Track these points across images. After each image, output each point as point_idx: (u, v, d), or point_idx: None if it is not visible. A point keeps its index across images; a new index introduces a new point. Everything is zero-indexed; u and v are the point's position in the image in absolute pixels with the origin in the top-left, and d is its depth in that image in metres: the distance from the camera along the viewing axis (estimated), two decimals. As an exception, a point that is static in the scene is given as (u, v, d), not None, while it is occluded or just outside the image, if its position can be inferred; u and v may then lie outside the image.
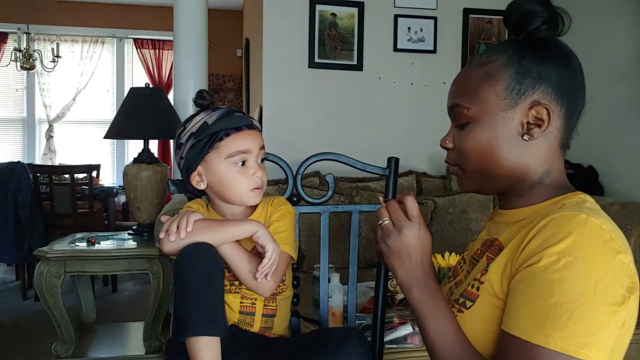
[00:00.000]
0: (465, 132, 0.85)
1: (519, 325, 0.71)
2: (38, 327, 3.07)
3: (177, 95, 3.25)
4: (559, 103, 0.82)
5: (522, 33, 0.85)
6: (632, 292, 0.71)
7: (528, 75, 0.81)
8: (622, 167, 2.88)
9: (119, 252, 2.34)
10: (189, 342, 0.89)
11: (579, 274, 0.69)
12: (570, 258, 0.70)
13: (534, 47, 0.83)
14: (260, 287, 1.00)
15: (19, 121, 5.88)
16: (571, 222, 0.73)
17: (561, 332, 0.68)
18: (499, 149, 0.83)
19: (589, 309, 0.68)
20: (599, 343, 0.68)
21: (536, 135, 0.82)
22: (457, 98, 0.87)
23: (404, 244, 0.85)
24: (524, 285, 0.73)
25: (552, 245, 0.71)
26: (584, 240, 0.71)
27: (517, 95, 0.82)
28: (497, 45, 0.87)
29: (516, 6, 0.86)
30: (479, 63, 0.86)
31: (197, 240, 0.95)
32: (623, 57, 2.85)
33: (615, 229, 0.75)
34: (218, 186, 1.05)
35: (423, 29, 3.37)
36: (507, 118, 0.82)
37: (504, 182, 0.85)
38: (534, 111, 0.81)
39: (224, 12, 5.74)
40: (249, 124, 1.06)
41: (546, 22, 0.83)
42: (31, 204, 3.55)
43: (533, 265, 0.72)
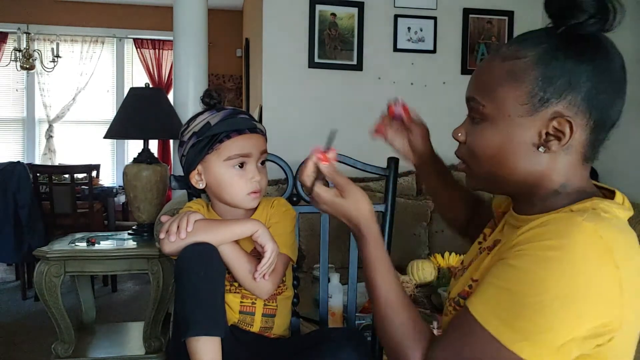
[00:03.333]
0: (479, 129, 0.79)
1: (475, 300, 0.72)
2: (38, 327, 3.07)
3: (177, 95, 3.25)
4: (587, 116, 0.74)
5: (562, 26, 0.73)
6: (605, 332, 0.68)
7: (556, 81, 0.72)
8: (622, 167, 2.88)
9: (119, 252, 2.34)
10: (190, 342, 0.89)
11: (556, 273, 0.67)
12: (553, 254, 0.67)
13: (572, 44, 0.73)
14: (259, 289, 1.00)
15: (19, 121, 5.88)
16: (566, 224, 0.69)
17: (506, 320, 0.68)
18: (512, 156, 0.77)
19: (547, 310, 0.66)
20: (538, 342, 0.67)
21: (554, 148, 0.75)
22: (474, 91, 0.80)
23: (332, 210, 0.86)
24: (497, 268, 0.73)
25: (539, 241, 0.69)
26: (574, 244, 0.67)
27: (539, 103, 0.74)
28: (531, 35, 0.77)
29: None
30: (505, 56, 0.76)
31: (197, 240, 0.95)
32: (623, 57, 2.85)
33: (621, 239, 0.70)
34: (216, 187, 1.06)
35: (423, 29, 3.37)
36: (524, 125, 0.75)
37: (514, 187, 0.80)
38: (555, 122, 0.73)
39: (224, 12, 5.75)
40: (251, 127, 1.05)
41: (593, 17, 0.72)
42: (31, 204, 3.55)
43: (514, 253, 0.71)
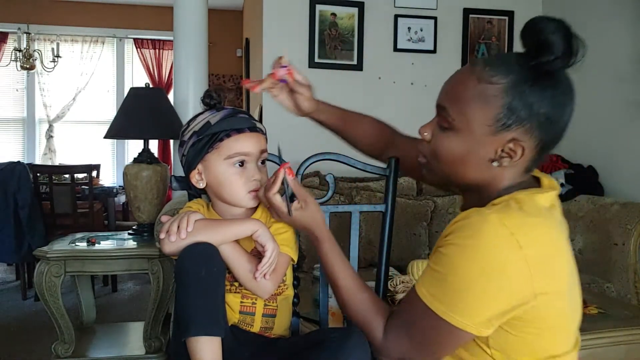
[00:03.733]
0: (444, 136, 0.91)
1: (419, 281, 0.91)
2: (38, 327, 3.07)
3: (177, 95, 3.25)
4: (538, 140, 0.87)
5: (533, 60, 0.83)
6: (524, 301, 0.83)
7: (519, 112, 0.84)
8: (622, 167, 2.88)
9: (119, 252, 2.34)
10: (190, 342, 0.89)
11: (470, 258, 0.83)
12: (468, 242, 0.84)
13: (538, 79, 0.84)
14: (259, 289, 1.00)
15: (19, 121, 5.88)
16: (478, 217, 0.85)
17: (436, 295, 0.86)
18: (469, 165, 0.90)
19: (466, 287, 0.84)
20: (463, 313, 0.84)
21: (505, 164, 0.88)
22: (447, 101, 0.90)
23: (291, 224, 1.02)
24: (434, 255, 0.90)
25: (460, 232, 0.86)
26: (483, 233, 0.83)
27: (501, 127, 0.86)
28: (506, 61, 0.87)
29: (536, 30, 0.84)
30: (481, 77, 0.86)
31: (197, 240, 0.95)
32: (623, 57, 2.85)
33: (524, 223, 0.84)
34: (216, 186, 1.06)
35: (423, 29, 3.37)
36: (485, 142, 0.87)
37: (465, 187, 0.96)
38: (511, 144, 0.86)
39: (224, 12, 5.75)
40: (251, 126, 1.05)
41: (560, 57, 0.82)
42: (31, 204, 3.54)
43: (444, 242, 0.88)
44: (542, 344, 0.88)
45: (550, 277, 0.84)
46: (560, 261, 0.87)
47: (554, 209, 0.92)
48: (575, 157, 3.12)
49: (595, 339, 1.77)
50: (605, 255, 2.57)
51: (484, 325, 0.84)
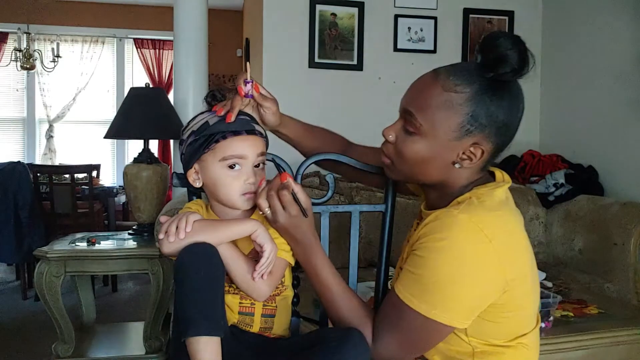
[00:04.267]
0: (410, 140, 0.97)
1: (398, 284, 0.96)
2: (38, 327, 3.07)
3: (177, 95, 3.25)
4: (494, 144, 0.96)
5: (491, 72, 0.92)
6: (502, 285, 0.91)
7: (481, 119, 0.92)
8: (622, 167, 2.88)
9: (119, 252, 2.34)
10: (190, 342, 0.89)
11: (446, 258, 0.90)
12: (441, 244, 0.91)
13: (497, 88, 0.93)
14: (255, 291, 1.00)
15: (19, 121, 5.88)
16: (447, 218, 0.92)
17: (419, 296, 0.92)
18: (431, 167, 0.97)
19: (445, 284, 0.90)
20: (446, 309, 0.90)
21: (465, 165, 0.97)
22: (413, 107, 0.96)
23: (285, 229, 1.01)
24: (410, 258, 0.96)
25: (432, 234, 0.92)
26: (455, 233, 0.90)
27: (465, 133, 0.93)
28: (467, 70, 0.94)
29: (494, 45, 0.91)
30: (445, 86, 0.93)
31: (196, 240, 0.95)
32: (623, 57, 2.85)
33: (490, 218, 0.91)
34: (211, 186, 1.06)
35: (423, 29, 3.37)
36: (449, 147, 0.95)
37: (426, 184, 1.03)
38: (472, 148, 0.95)
39: (224, 12, 5.74)
40: (250, 129, 1.05)
41: (517, 69, 0.91)
42: (31, 204, 3.55)
43: (418, 244, 0.94)
44: (512, 325, 0.98)
45: (515, 263, 0.94)
46: (520, 247, 0.96)
47: (509, 199, 1.00)
48: (575, 157, 3.12)
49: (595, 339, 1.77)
50: (605, 255, 2.57)
51: (466, 317, 0.92)
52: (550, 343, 1.71)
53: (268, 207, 1.01)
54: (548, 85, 3.45)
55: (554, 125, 3.41)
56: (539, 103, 3.52)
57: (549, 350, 1.70)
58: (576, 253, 2.77)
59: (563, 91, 3.34)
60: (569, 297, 2.10)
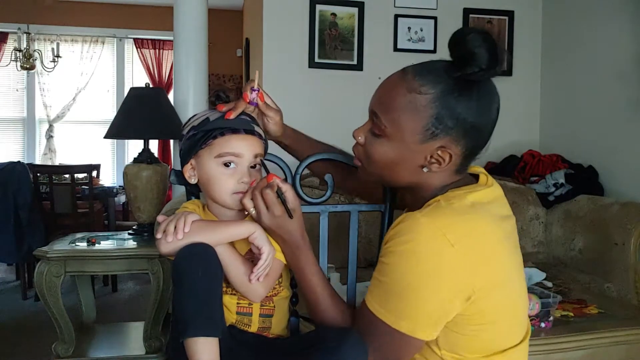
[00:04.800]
0: (377, 141, 0.94)
1: (367, 293, 0.93)
2: (38, 327, 3.07)
3: (177, 95, 3.25)
4: (464, 147, 0.91)
5: (459, 71, 0.87)
6: (459, 294, 0.86)
7: (447, 121, 0.88)
8: (622, 167, 2.88)
9: (119, 252, 2.34)
10: (188, 343, 0.89)
11: (408, 263, 0.86)
12: (404, 248, 0.87)
13: (464, 88, 0.88)
14: (251, 293, 1.00)
15: (19, 121, 5.88)
16: (410, 222, 0.88)
17: (385, 305, 0.89)
18: (400, 170, 0.94)
19: (409, 292, 0.86)
20: (411, 319, 0.87)
21: (434, 169, 0.93)
22: (378, 108, 0.94)
23: (270, 229, 1.00)
24: (378, 265, 0.92)
25: (395, 239, 0.89)
26: (416, 237, 0.86)
27: (430, 136, 0.89)
28: (434, 70, 0.90)
29: (463, 43, 0.87)
30: (410, 87, 0.90)
31: (194, 241, 0.95)
32: (623, 57, 2.85)
33: (455, 222, 0.87)
34: (205, 183, 1.06)
35: (423, 29, 3.37)
36: (415, 150, 0.91)
37: (399, 187, 1.01)
38: (439, 152, 0.90)
39: (224, 12, 5.74)
40: (249, 128, 1.05)
41: (485, 69, 0.85)
42: (31, 204, 3.55)
43: (384, 250, 0.91)
44: (486, 339, 0.92)
45: (483, 271, 0.87)
46: (492, 254, 0.89)
47: (493, 203, 0.94)
48: (575, 157, 3.11)
49: (595, 339, 1.77)
50: (605, 255, 2.57)
51: (431, 328, 0.88)
52: (550, 343, 1.71)
53: (253, 207, 1.00)
54: (548, 85, 3.45)
55: (554, 125, 3.40)
56: (539, 103, 3.52)
57: (549, 350, 1.70)
58: (576, 253, 2.77)
59: (563, 91, 3.33)
60: (569, 297, 2.10)
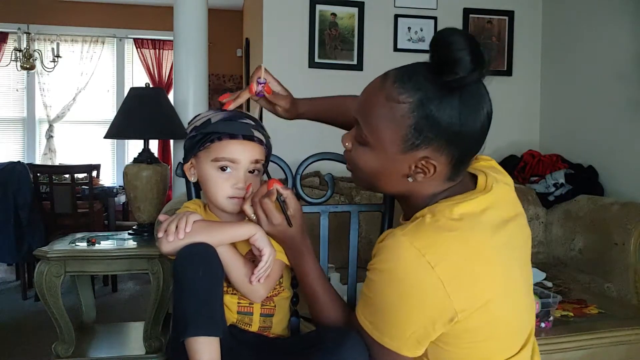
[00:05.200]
0: (361, 150, 0.92)
1: (357, 307, 0.93)
2: (38, 327, 3.07)
3: (177, 95, 3.25)
4: (449, 156, 0.86)
5: (440, 77, 0.81)
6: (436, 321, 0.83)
7: (427, 131, 0.83)
8: (622, 167, 2.88)
9: (119, 252, 2.34)
10: (188, 343, 0.89)
11: (387, 282, 0.85)
12: (384, 266, 0.85)
13: (446, 95, 0.82)
14: (252, 293, 1.01)
15: (19, 121, 5.88)
16: (392, 241, 0.85)
17: (371, 320, 0.89)
18: (386, 178, 0.91)
19: (389, 310, 0.85)
20: (393, 336, 0.86)
21: (420, 179, 0.88)
22: (359, 116, 0.91)
23: (272, 235, 1.01)
24: (365, 282, 0.91)
25: (378, 256, 0.87)
26: (395, 257, 0.84)
27: (410, 147, 0.85)
28: (414, 76, 0.85)
29: (444, 46, 0.81)
30: (389, 95, 0.85)
31: (195, 241, 0.95)
32: (623, 57, 2.85)
33: (437, 242, 0.83)
34: (203, 184, 1.07)
35: (423, 29, 3.37)
36: (396, 160, 0.87)
37: (391, 195, 1.00)
38: (422, 162, 0.86)
39: (224, 12, 5.74)
40: (247, 134, 1.04)
41: (469, 74, 0.80)
42: (31, 204, 3.54)
43: (369, 265, 0.90)
44: (480, 354, 0.89)
45: (470, 291, 0.83)
46: (485, 270, 0.84)
47: (488, 211, 0.88)
48: (575, 157, 3.12)
49: (595, 339, 1.77)
50: (605, 255, 2.57)
51: (414, 347, 0.86)
52: (550, 343, 1.71)
53: (253, 214, 1.01)
54: (548, 85, 3.45)
55: (554, 125, 3.41)
56: (539, 103, 3.53)
57: (549, 350, 1.70)
58: (576, 253, 2.77)
59: (563, 91, 3.34)
60: (569, 297, 2.10)
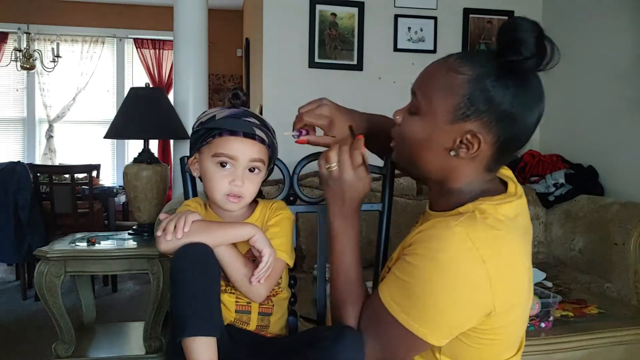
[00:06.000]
0: (411, 119, 0.94)
1: (382, 286, 0.92)
2: (38, 327, 3.07)
3: (177, 95, 3.25)
4: (496, 136, 0.88)
5: (503, 57, 0.85)
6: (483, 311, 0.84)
7: (479, 103, 0.86)
8: (622, 167, 2.88)
9: (119, 252, 2.34)
10: (185, 343, 0.89)
11: (435, 269, 0.84)
12: (433, 254, 0.84)
13: (505, 75, 0.85)
14: (252, 293, 1.01)
15: (19, 121, 5.88)
16: (444, 229, 0.85)
17: (401, 304, 0.87)
18: (428, 152, 0.92)
19: (429, 298, 0.85)
20: (424, 324, 0.86)
21: (462, 155, 0.89)
22: (418, 87, 0.93)
23: (342, 187, 0.98)
24: (400, 262, 0.91)
25: (425, 242, 0.87)
26: (449, 246, 0.84)
27: (460, 117, 0.87)
28: (477, 56, 0.90)
29: (511, 28, 0.84)
30: (450, 66, 0.89)
31: (193, 240, 0.95)
32: (623, 57, 2.85)
33: (489, 237, 0.84)
34: (204, 179, 1.07)
35: (423, 29, 3.37)
36: (444, 130, 0.89)
37: (427, 176, 0.97)
38: (468, 135, 0.87)
39: (224, 12, 5.74)
40: (250, 132, 1.04)
41: (531, 57, 0.83)
42: (31, 204, 3.55)
43: (409, 250, 0.89)
44: (491, 352, 0.92)
45: (509, 292, 0.86)
46: (520, 274, 0.88)
47: (519, 217, 0.92)
48: (575, 157, 3.12)
49: (595, 339, 1.77)
50: (605, 255, 2.57)
51: (444, 336, 0.87)
52: (550, 343, 1.71)
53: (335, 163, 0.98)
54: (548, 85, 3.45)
55: (554, 125, 3.41)
56: (539, 103, 3.52)
57: (549, 350, 1.70)
58: (576, 253, 2.77)
59: (563, 91, 3.34)
60: (569, 297, 2.09)
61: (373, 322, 0.93)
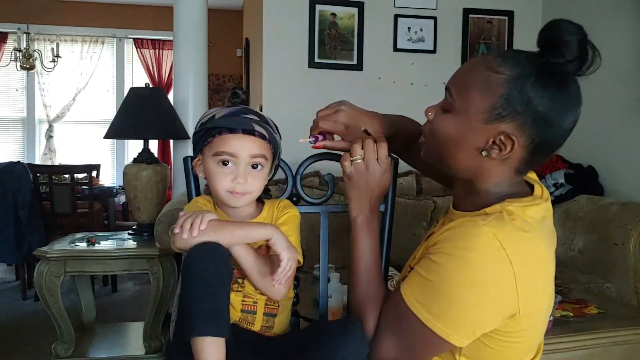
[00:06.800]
0: (444, 116, 0.92)
1: (405, 285, 0.91)
2: (38, 327, 3.07)
3: (177, 95, 3.25)
4: (530, 139, 0.86)
5: (543, 59, 0.83)
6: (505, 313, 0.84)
7: (516, 104, 0.84)
8: (622, 167, 2.88)
9: (119, 252, 2.34)
10: (195, 342, 0.88)
11: (462, 269, 0.83)
12: (460, 253, 0.84)
13: (545, 77, 0.83)
14: (272, 291, 1.00)
15: (19, 121, 5.88)
16: (472, 228, 0.84)
17: (424, 303, 0.86)
18: (459, 150, 0.90)
19: (454, 298, 0.84)
20: (447, 323, 0.84)
21: (494, 155, 0.88)
22: (453, 84, 0.91)
23: (365, 181, 1.01)
24: (424, 260, 0.90)
25: (452, 242, 0.86)
26: (476, 246, 0.83)
27: (495, 117, 0.85)
28: (517, 55, 0.87)
29: (554, 29, 0.83)
30: (489, 65, 0.87)
31: (209, 239, 0.95)
32: (623, 57, 2.85)
33: (516, 238, 0.83)
34: (208, 179, 1.07)
35: (423, 29, 3.37)
36: (477, 129, 0.87)
37: (455, 175, 0.95)
38: (502, 137, 0.86)
39: (224, 12, 5.74)
40: (248, 128, 1.04)
41: (573, 60, 0.82)
42: (31, 204, 3.55)
43: (435, 249, 0.88)
44: (511, 354, 0.91)
45: (533, 295, 0.86)
46: (545, 277, 0.88)
47: (546, 220, 0.91)
48: (575, 157, 3.12)
49: (595, 339, 1.77)
50: (605, 255, 2.57)
51: (466, 336, 0.85)
52: (550, 343, 1.71)
53: (359, 156, 1.01)
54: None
55: (554, 125, 3.41)
56: (539, 103, 3.52)
57: (549, 350, 1.70)
58: (576, 253, 2.77)
59: (563, 91, 3.34)
60: (568, 297, 2.09)
61: (393, 320, 0.92)
